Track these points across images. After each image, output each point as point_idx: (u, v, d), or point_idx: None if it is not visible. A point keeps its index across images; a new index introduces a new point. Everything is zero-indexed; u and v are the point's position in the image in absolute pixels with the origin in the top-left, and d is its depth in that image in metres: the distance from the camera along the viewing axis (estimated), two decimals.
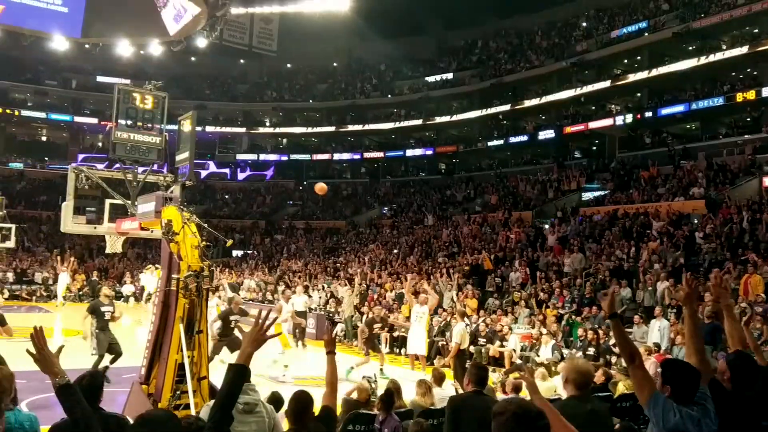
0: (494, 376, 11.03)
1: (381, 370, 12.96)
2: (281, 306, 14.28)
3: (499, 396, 7.82)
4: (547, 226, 24.99)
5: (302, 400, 4.08)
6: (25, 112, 44.18)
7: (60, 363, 3.09)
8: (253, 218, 42.99)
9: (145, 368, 8.14)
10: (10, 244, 26.54)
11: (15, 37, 25.85)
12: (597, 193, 28.25)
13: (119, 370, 10.83)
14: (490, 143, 38.64)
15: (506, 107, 36.65)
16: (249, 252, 37.38)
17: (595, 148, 35.82)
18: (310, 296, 21.40)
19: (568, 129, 33.86)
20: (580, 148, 36.68)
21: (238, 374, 3.13)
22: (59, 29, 23.77)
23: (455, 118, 39.98)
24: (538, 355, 13.66)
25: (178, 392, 7.57)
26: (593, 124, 32.69)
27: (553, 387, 9.10)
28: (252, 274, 29.49)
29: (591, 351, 13.09)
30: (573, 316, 15.51)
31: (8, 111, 43.39)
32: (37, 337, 3.03)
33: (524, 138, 36.84)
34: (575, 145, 36.65)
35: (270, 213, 44.01)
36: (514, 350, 14.35)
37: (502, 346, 14.53)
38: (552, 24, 39.49)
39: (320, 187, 11.39)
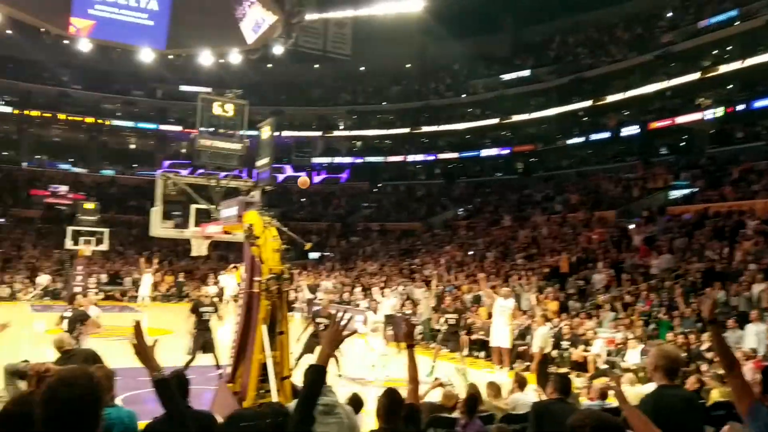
0: (578, 381, 10.72)
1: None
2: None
3: (584, 402, 7.58)
4: (632, 226, 24.08)
5: (394, 398, 4.03)
6: (115, 122, 46.63)
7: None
8: (328, 221, 43.56)
9: (231, 367, 8.35)
10: (104, 247, 28.02)
11: (105, 51, 27.32)
12: (686, 191, 26.97)
13: (205, 369, 11.13)
14: (569, 141, 37.69)
15: (588, 103, 35.57)
16: (325, 254, 37.89)
17: (683, 143, 34.24)
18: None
19: (654, 124, 32.56)
20: (667, 144, 35.10)
21: (318, 375, 3.17)
22: (146, 42, 24.97)
23: (534, 115, 39.01)
24: (625, 360, 13.15)
25: (261, 391, 7.72)
26: (680, 119, 31.30)
27: (642, 394, 8.71)
28: (329, 276, 29.85)
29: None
30: (661, 316, 14.89)
31: (99, 121, 45.89)
32: (137, 331, 3.14)
33: (606, 135, 35.69)
34: (661, 141, 35.13)
35: (345, 215, 44.50)
36: (599, 355, 13.87)
37: (585, 350, 14.09)
38: (634, 16, 37.99)
39: (302, 180, 11.41)
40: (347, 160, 48.69)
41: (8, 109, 43.64)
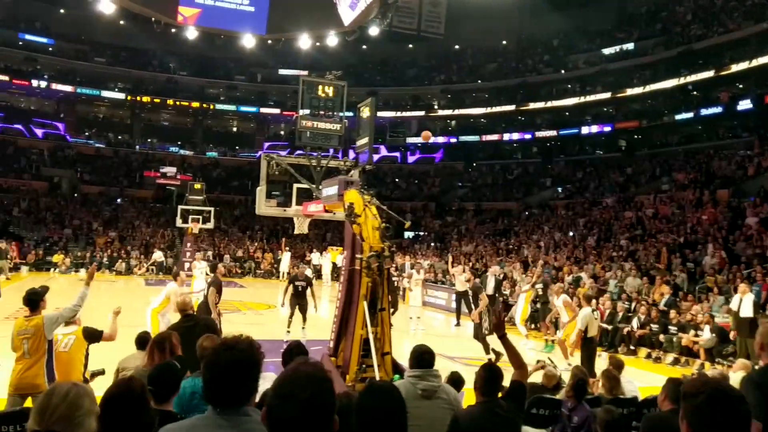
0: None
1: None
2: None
3: None
4: (746, 206, 22.63)
5: (493, 372, 3.99)
6: (218, 106, 48.57)
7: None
8: (423, 200, 43.61)
9: (333, 342, 8.58)
10: (210, 225, 29.37)
11: (210, 38, 28.45)
12: None
13: (308, 342, 11.45)
14: (677, 117, 35.71)
15: (705, 74, 33.10)
16: (420, 234, 38.00)
17: None
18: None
19: None
20: None
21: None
22: (247, 27, 25.80)
23: (645, 89, 36.88)
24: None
25: (363, 366, 7.88)
26: None
27: None
28: (424, 256, 29.96)
29: None
30: None
31: (205, 105, 47.94)
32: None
33: (718, 110, 33.53)
34: None
35: (439, 195, 44.39)
36: (710, 340, 13.21)
37: (696, 335, 13.45)
38: None
39: (425, 134, 11.22)
40: (441, 139, 48.41)
41: (122, 96, 46.32)
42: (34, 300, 6.09)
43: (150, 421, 2.79)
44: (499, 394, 4.06)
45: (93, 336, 6.31)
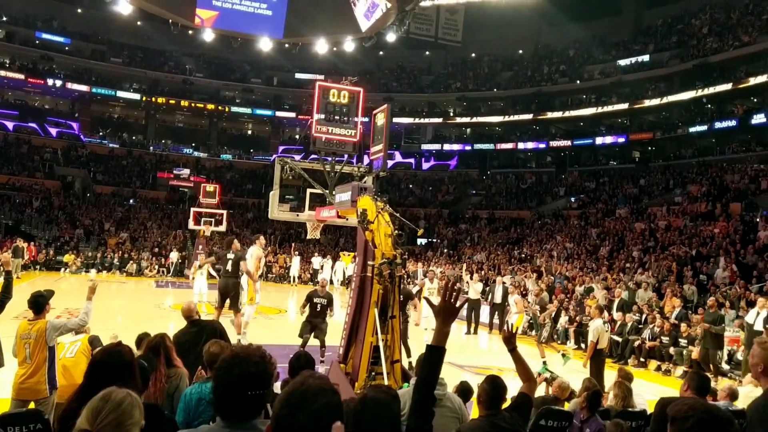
0: None
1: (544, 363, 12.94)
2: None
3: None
4: (758, 220, 22.46)
5: (496, 384, 3.94)
6: (234, 109, 48.78)
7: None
8: (436, 207, 43.59)
9: (343, 348, 8.57)
10: (222, 228, 29.51)
11: (226, 41, 28.59)
12: None
13: (317, 348, 11.44)
14: (691, 129, 35.53)
15: (726, 87, 32.67)
16: (433, 241, 37.96)
17: None
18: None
19: None
20: None
21: (437, 356, 2.80)
22: (264, 31, 25.89)
23: (663, 101, 36.60)
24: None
25: (373, 373, 7.88)
26: None
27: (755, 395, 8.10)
28: (437, 263, 29.91)
29: None
30: None
31: (220, 108, 48.20)
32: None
33: (732, 123, 33.35)
34: None
35: (453, 202, 44.32)
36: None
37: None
38: None
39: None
40: (456, 147, 48.39)
41: (137, 96, 46.64)
42: (39, 303, 6.07)
43: (139, 389, 2.84)
44: (504, 406, 4.03)
45: (96, 344, 6.36)
